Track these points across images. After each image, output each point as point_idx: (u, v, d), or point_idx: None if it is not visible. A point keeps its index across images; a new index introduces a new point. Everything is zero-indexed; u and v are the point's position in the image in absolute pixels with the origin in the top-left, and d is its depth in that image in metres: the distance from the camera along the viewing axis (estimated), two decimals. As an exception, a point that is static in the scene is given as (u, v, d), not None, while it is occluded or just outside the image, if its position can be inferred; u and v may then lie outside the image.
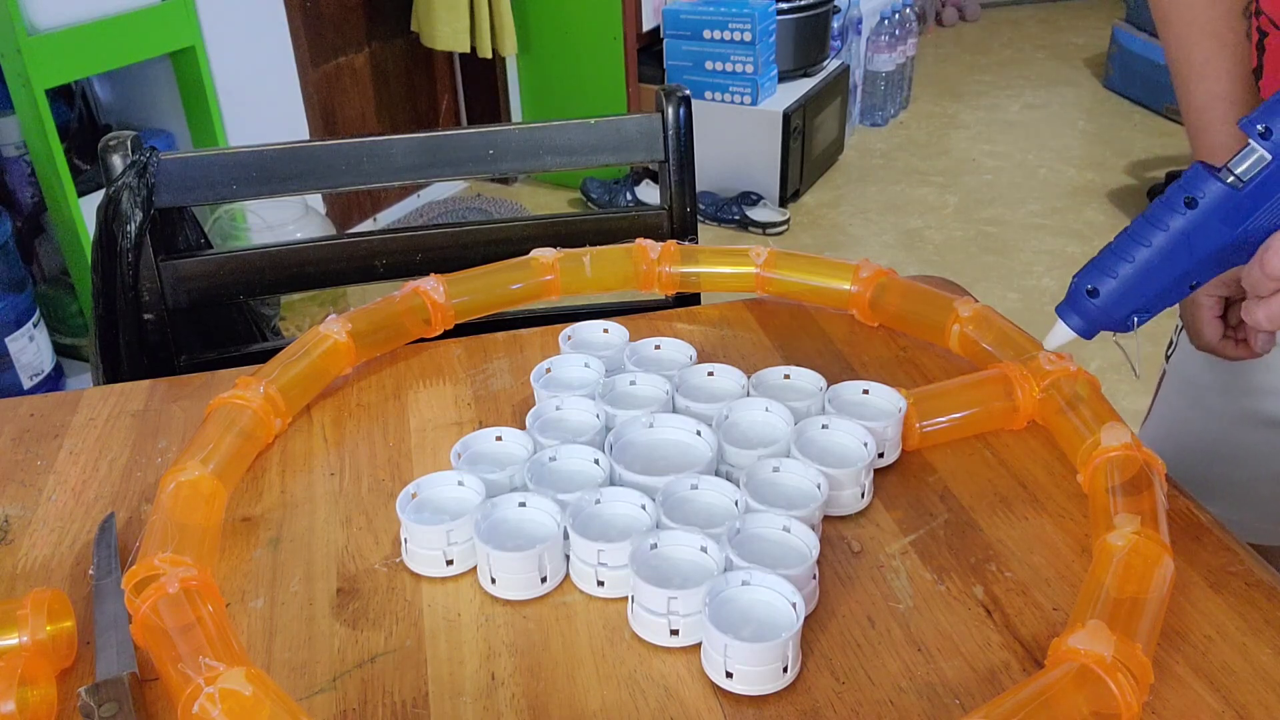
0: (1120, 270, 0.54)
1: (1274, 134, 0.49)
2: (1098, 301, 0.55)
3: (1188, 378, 0.83)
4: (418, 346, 0.77)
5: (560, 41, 2.86)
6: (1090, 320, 0.56)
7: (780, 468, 0.59)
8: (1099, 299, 0.55)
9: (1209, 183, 0.51)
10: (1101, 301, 0.55)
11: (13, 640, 0.49)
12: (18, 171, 1.81)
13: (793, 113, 2.78)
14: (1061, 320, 0.58)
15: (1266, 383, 0.76)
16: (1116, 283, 0.54)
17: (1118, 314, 0.55)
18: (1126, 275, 0.54)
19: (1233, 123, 0.73)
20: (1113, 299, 0.55)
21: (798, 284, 0.78)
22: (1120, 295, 0.54)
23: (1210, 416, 0.82)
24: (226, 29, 2.00)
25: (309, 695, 0.49)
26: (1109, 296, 0.55)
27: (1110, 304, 0.55)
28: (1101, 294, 0.55)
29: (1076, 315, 0.57)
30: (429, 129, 1.23)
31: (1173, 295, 0.54)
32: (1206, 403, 0.82)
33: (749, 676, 0.47)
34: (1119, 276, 0.54)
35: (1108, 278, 0.54)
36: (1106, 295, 0.55)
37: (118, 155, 0.86)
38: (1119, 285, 0.54)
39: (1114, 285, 0.54)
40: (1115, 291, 0.54)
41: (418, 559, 0.56)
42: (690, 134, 0.95)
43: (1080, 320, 0.57)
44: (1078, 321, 0.57)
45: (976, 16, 4.72)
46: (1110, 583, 0.48)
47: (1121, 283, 0.54)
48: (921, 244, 2.71)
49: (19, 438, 0.69)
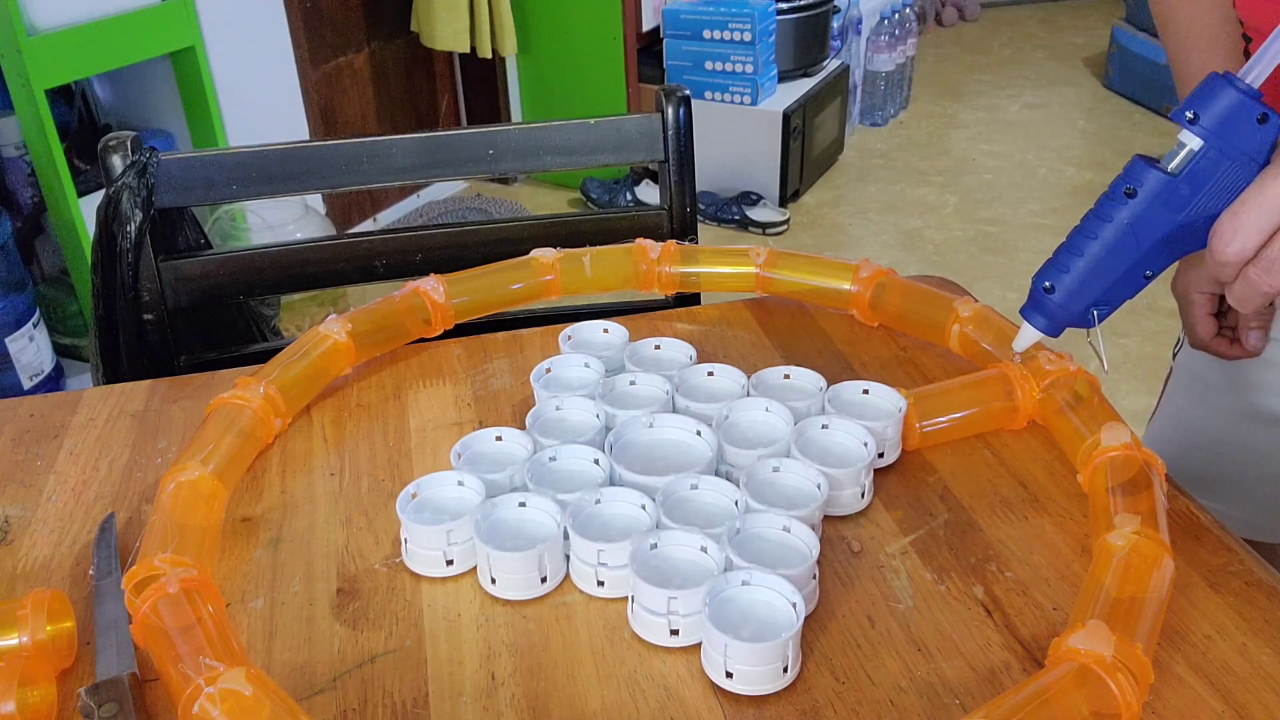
0: (1073, 265, 0.55)
1: (1202, 119, 0.50)
2: (1055, 298, 0.56)
3: (1194, 375, 0.83)
4: (418, 346, 0.77)
5: (560, 41, 2.86)
6: (1051, 317, 0.58)
7: (780, 468, 0.59)
8: (1056, 295, 0.56)
9: (1146, 172, 0.52)
10: (1059, 298, 0.56)
11: (13, 640, 0.49)
12: (18, 171, 1.81)
13: (793, 113, 2.78)
14: (1026, 321, 0.59)
15: (1273, 381, 0.76)
16: (1070, 277, 0.55)
17: (1075, 308, 0.56)
18: (1079, 269, 0.55)
19: None
20: (1069, 294, 0.56)
21: (798, 284, 0.78)
22: (1075, 290, 0.56)
23: (1216, 414, 0.82)
24: (226, 29, 2.00)
25: (309, 695, 0.49)
26: (1065, 292, 0.56)
27: (1067, 299, 0.56)
28: (1058, 290, 0.56)
29: (1038, 314, 0.58)
30: (429, 129, 1.23)
31: (1128, 286, 0.56)
32: (1213, 400, 0.82)
33: (749, 676, 0.47)
34: (1072, 271, 0.55)
35: (1062, 273, 0.56)
36: (1062, 291, 0.56)
37: (118, 155, 0.86)
38: (1073, 280, 0.55)
39: (1068, 280, 0.56)
40: (1070, 286, 0.56)
41: (418, 559, 0.56)
42: (690, 134, 0.95)
43: (1043, 319, 0.58)
44: (1041, 321, 0.58)
45: (976, 16, 4.72)
46: (1110, 582, 0.48)
47: (1075, 277, 0.55)
48: (921, 244, 2.71)
49: (19, 438, 0.69)
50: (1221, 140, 0.50)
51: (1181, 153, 0.52)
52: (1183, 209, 0.52)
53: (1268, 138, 0.50)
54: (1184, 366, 0.85)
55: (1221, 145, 0.50)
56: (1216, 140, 0.50)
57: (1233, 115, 0.50)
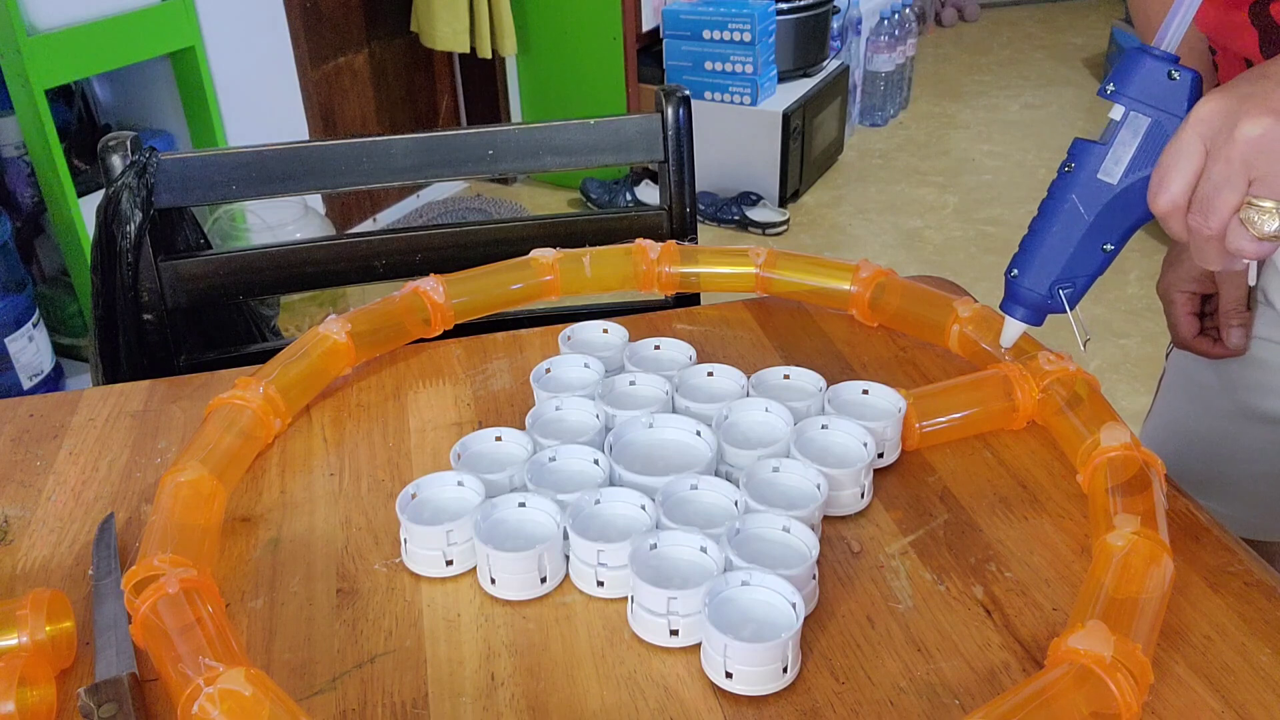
0: (1030, 246, 0.58)
1: (1120, 87, 0.54)
2: (1022, 282, 0.59)
3: (1188, 375, 0.83)
4: (417, 347, 0.77)
5: (560, 41, 2.86)
6: (1025, 303, 0.60)
7: (780, 468, 0.59)
8: (1021, 279, 0.59)
9: (1081, 146, 0.56)
10: (1025, 281, 0.59)
11: (12, 640, 0.49)
12: (17, 171, 1.81)
13: (792, 113, 2.78)
14: (1006, 315, 0.62)
15: (1265, 380, 0.76)
16: (1029, 258, 0.58)
17: (1041, 289, 0.59)
18: (1036, 249, 0.58)
19: None
20: (1032, 275, 0.58)
21: (797, 284, 0.78)
22: (1036, 270, 0.58)
23: (1211, 414, 0.82)
24: (226, 29, 2.00)
25: (309, 695, 0.49)
26: (1028, 274, 0.58)
27: (1031, 281, 0.59)
28: (1022, 274, 0.59)
29: (1014, 303, 0.61)
30: (429, 129, 1.23)
31: (1088, 261, 0.58)
32: (1207, 400, 0.82)
33: (749, 676, 0.47)
34: (1030, 252, 0.58)
35: (1024, 256, 0.59)
36: (1026, 274, 0.59)
37: (117, 155, 0.86)
38: (1033, 261, 0.58)
39: (1029, 261, 0.58)
40: (1032, 267, 0.58)
41: (417, 559, 0.56)
42: (690, 134, 0.95)
43: (1019, 308, 0.60)
44: (1019, 310, 0.61)
45: (976, 17, 4.72)
46: (1110, 583, 0.48)
47: (1035, 258, 0.58)
48: (921, 244, 2.71)
49: (19, 438, 0.69)
50: (1139, 104, 0.53)
51: (1108, 122, 0.55)
52: (1118, 175, 0.55)
53: (1181, 90, 0.53)
54: (1176, 367, 0.85)
55: (1140, 108, 0.53)
56: (1135, 104, 0.53)
57: (1146, 77, 0.53)
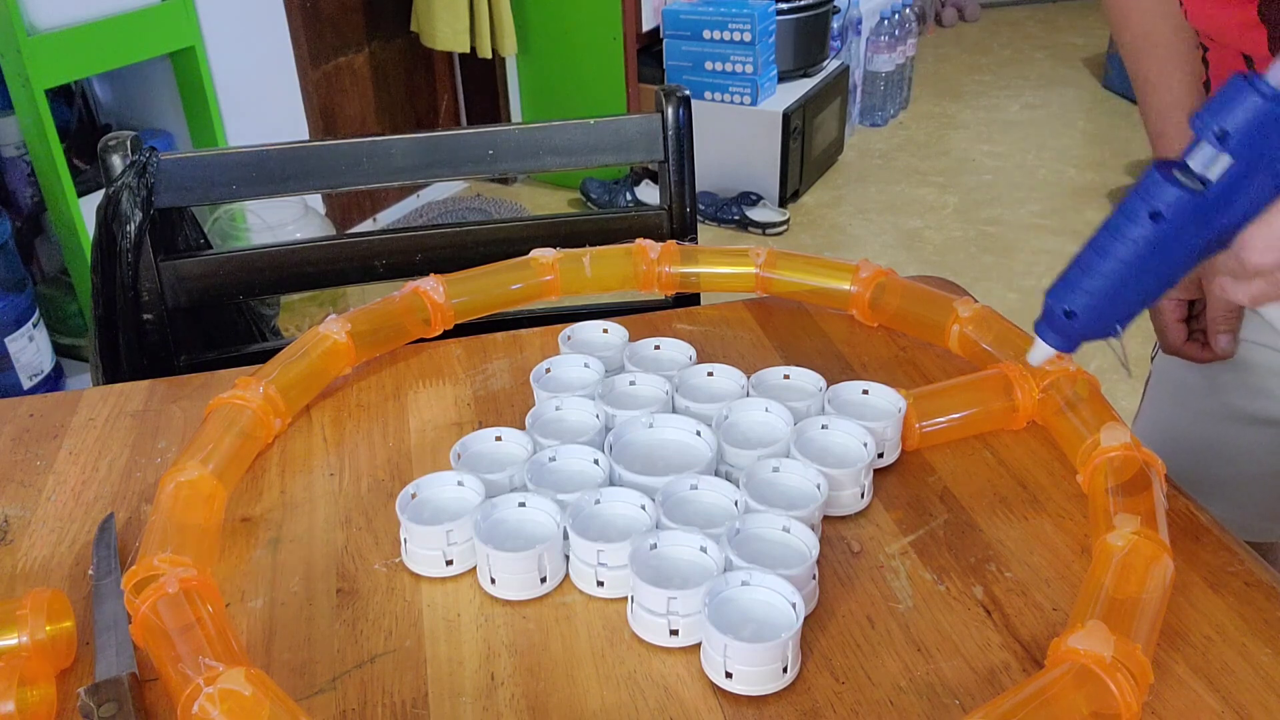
0: (1094, 288, 0.52)
1: (1231, 135, 0.47)
2: (1076, 322, 0.53)
3: (1172, 378, 0.84)
4: (417, 346, 0.77)
5: (560, 41, 2.86)
6: (1070, 337, 0.54)
7: (780, 468, 0.59)
8: (1078, 320, 0.53)
9: (1171, 192, 0.49)
10: (1080, 322, 0.53)
11: (12, 640, 0.49)
12: (18, 171, 1.81)
13: (792, 113, 2.78)
14: (1040, 338, 0.56)
15: (1249, 382, 0.76)
16: (1092, 300, 0.52)
17: (1098, 328, 0.53)
18: (1101, 292, 0.52)
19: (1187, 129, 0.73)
20: (1091, 317, 0.53)
21: (797, 284, 0.78)
22: (1099, 312, 0.53)
23: (1196, 416, 0.82)
24: (226, 29, 2.00)
25: (309, 695, 0.49)
26: (1087, 315, 0.53)
27: (1090, 321, 0.53)
28: (1079, 314, 0.53)
29: (1055, 333, 0.55)
30: (429, 129, 1.23)
31: (1152, 298, 0.53)
32: (1192, 402, 0.82)
33: (749, 676, 0.47)
34: (1094, 293, 0.52)
35: (1083, 296, 0.52)
36: (1085, 314, 0.53)
37: (117, 155, 0.86)
38: (1095, 303, 0.52)
39: (1090, 303, 0.52)
40: (1093, 309, 0.52)
41: (417, 559, 0.56)
42: (690, 134, 0.95)
43: (1059, 337, 0.55)
44: (1057, 339, 0.55)
45: (976, 17, 4.72)
46: (1110, 583, 0.48)
47: (1097, 299, 0.52)
48: (921, 244, 2.71)
49: (19, 438, 0.69)
50: (1252, 153, 0.47)
51: (1210, 167, 0.48)
52: (1211, 225, 0.49)
53: None
54: (1162, 370, 0.85)
55: (1252, 159, 0.47)
56: (1246, 153, 0.47)
57: (1263, 126, 0.46)
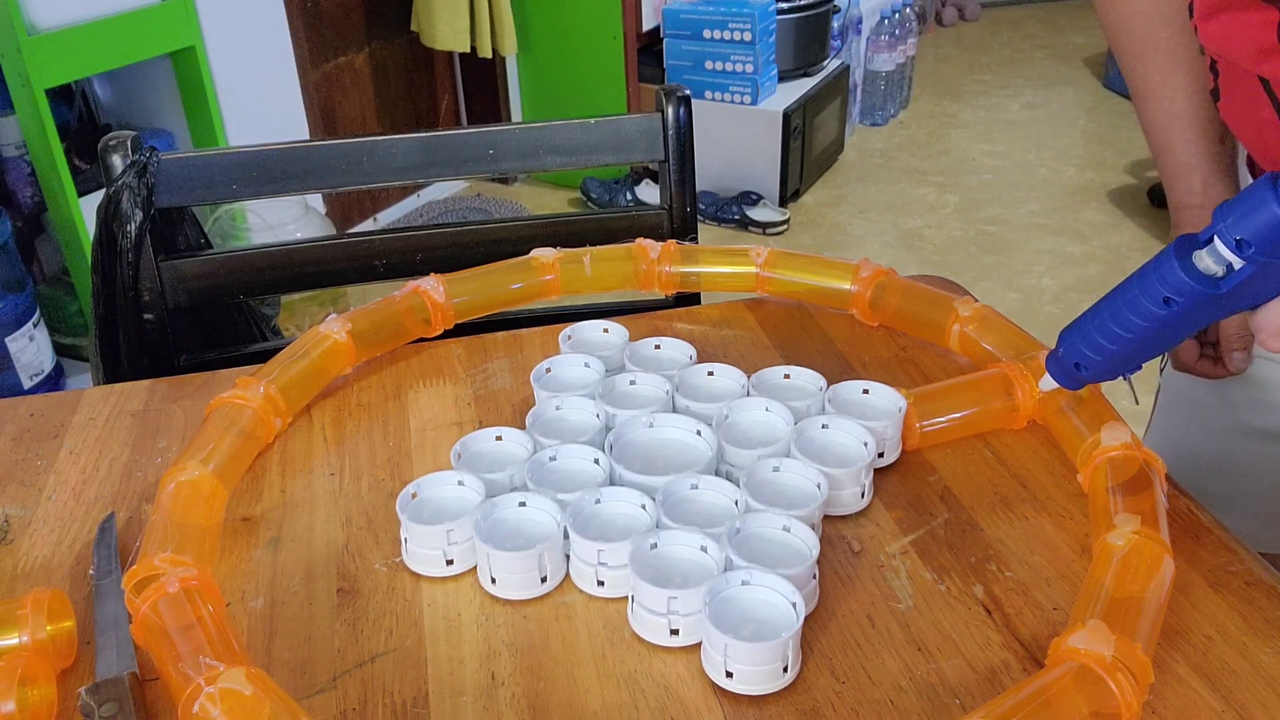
0: (1103, 351, 0.55)
1: (1250, 246, 0.48)
2: (1086, 375, 0.57)
3: (1183, 392, 0.83)
4: (418, 346, 0.77)
5: (560, 41, 2.86)
6: (1078, 382, 0.58)
7: (780, 467, 0.59)
8: (1087, 373, 0.56)
9: (1186, 284, 0.50)
10: (1089, 374, 0.56)
11: (13, 640, 0.49)
12: (18, 171, 1.81)
13: (793, 112, 2.78)
14: (1049, 374, 0.59)
15: (1260, 397, 0.76)
16: (1103, 361, 0.55)
17: (1106, 377, 0.57)
18: (1110, 354, 0.55)
19: (1193, 140, 0.73)
20: (1099, 371, 0.56)
21: (798, 284, 0.78)
22: (1107, 369, 0.56)
23: (1207, 430, 0.82)
24: (226, 29, 2.00)
25: (309, 695, 0.49)
26: (1095, 370, 0.56)
27: (1098, 374, 0.56)
28: (1088, 370, 0.56)
29: (1064, 376, 0.58)
30: (429, 129, 1.23)
31: (1159, 354, 0.56)
32: (1202, 416, 0.82)
33: (749, 676, 0.47)
34: (1103, 355, 0.55)
35: (1093, 356, 0.55)
36: (1093, 370, 0.56)
37: (118, 155, 0.86)
38: (1105, 362, 0.55)
39: (1100, 363, 0.55)
40: (1101, 366, 0.55)
41: (418, 559, 0.56)
42: (690, 134, 0.95)
43: (1068, 380, 0.58)
44: (1066, 381, 0.58)
45: (976, 16, 4.72)
46: (1110, 582, 0.48)
47: (1107, 360, 0.55)
48: (921, 244, 2.71)
49: (19, 438, 0.69)
50: (1269, 259, 0.48)
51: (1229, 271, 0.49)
52: (1223, 308, 0.51)
53: None
54: (1172, 385, 0.85)
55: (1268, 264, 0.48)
56: (1263, 260, 0.48)
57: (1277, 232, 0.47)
